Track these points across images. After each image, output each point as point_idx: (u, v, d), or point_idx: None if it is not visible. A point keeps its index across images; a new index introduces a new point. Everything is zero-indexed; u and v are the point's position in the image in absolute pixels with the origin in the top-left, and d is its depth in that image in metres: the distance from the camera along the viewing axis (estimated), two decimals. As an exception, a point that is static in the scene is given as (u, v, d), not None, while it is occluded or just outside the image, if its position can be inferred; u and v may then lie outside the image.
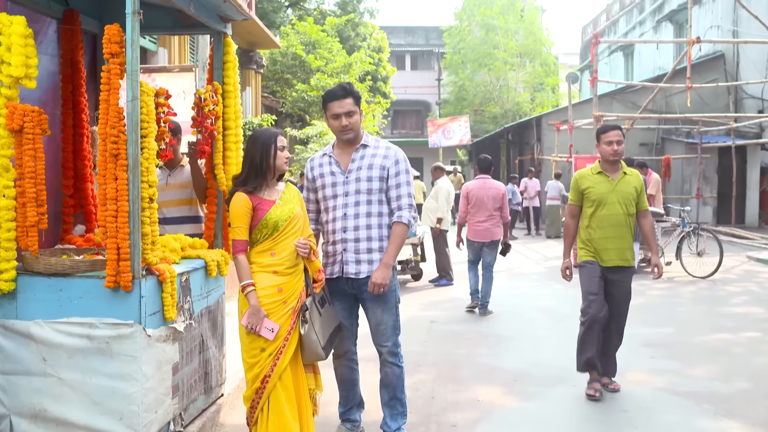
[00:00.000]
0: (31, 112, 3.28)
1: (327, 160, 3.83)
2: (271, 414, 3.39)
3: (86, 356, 3.27)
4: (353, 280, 3.75)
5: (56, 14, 4.02)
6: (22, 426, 3.34)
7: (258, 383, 3.40)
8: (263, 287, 3.40)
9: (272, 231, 3.44)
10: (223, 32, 4.23)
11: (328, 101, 3.74)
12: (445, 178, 10.15)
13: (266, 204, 3.45)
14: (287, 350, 3.42)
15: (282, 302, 3.43)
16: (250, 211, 3.42)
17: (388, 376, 3.87)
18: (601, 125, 4.93)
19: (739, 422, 4.27)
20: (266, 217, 3.42)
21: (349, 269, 3.73)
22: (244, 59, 15.03)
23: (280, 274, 3.44)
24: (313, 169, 3.86)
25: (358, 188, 3.73)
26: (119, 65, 3.23)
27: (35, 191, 3.32)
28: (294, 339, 3.45)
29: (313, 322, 3.46)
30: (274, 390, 3.40)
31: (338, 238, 3.74)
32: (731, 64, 19.65)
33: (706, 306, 8.11)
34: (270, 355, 3.39)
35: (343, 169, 3.77)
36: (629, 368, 5.45)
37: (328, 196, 3.78)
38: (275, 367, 3.39)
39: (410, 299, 8.63)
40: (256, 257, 3.46)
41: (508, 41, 31.32)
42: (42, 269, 3.32)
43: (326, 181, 3.79)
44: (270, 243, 3.45)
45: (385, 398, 3.91)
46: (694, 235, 10.51)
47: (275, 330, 3.36)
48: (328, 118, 3.79)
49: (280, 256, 3.44)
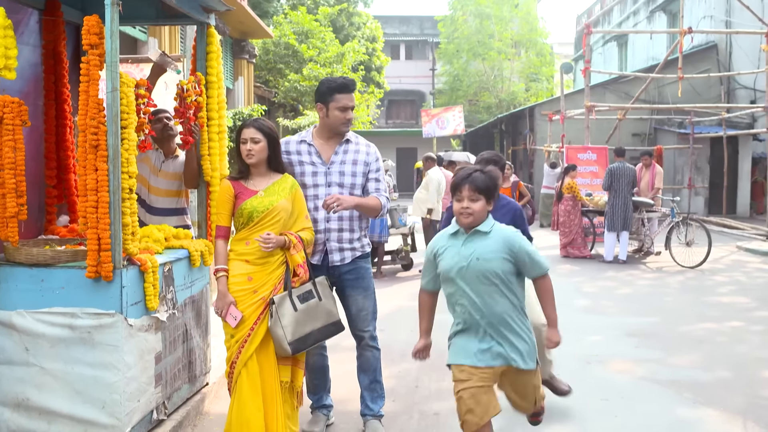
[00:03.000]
0: (11, 103, 3.30)
1: (306, 149, 3.84)
2: (236, 401, 3.46)
3: (68, 346, 3.30)
4: (335, 267, 3.82)
5: (38, 5, 4.01)
6: (5, 415, 3.38)
7: (228, 368, 3.51)
8: (234, 275, 3.48)
9: (247, 221, 3.49)
10: (206, 23, 4.23)
11: (338, 92, 3.72)
12: (436, 169, 10.17)
13: (247, 193, 3.51)
14: (252, 339, 3.46)
15: (252, 291, 3.47)
16: (232, 198, 3.50)
17: (369, 360, 3.95)
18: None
19: (717, 410, 4.33)
20: (242, 206, 3.49)
21: (333, 257, 3.81)
22: (237, 49, 14.99)
23: (251, 263, 3.49)
24: (290, 153, 3.82)
25: (341, 181, 3.79)
26: (98, 56, 3.24)
27: (15, 182, 3.35)
28: (261, 329, 3.48)
29: (281, 317, 3.43)
30: (239, 377, 3.45)
31: (321, 227, 3.79)
32: (724, 54, 19.67)
33: (693, 295, 8.18)
34: (237, 341, 3.46)
35: (324, 161, 3.81)
36: (612, 357, 5.50)
37: (308, 185, 3.80)
38: (240, 355, 3.45)
39: (399, 289, 8.67)
40: (234, 245, 3.54)
41: (503, 30, 31.26)
42: (24, 259, 3.34)
43: (306, 169, 3.80)
44: (246, 232, 3.51)
45: (365, 382, 3.97)
46: (684, 225, 10.57)
47: (238, 318, 3.42)
48: (332, 109, 3.74)
49: (253, 245, 3.48)
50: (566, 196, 11.53)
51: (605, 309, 7.46)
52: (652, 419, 4.21)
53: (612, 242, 10.94)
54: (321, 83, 3.84)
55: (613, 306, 7.62)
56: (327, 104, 3.76)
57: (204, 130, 4.20)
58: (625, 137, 18.98)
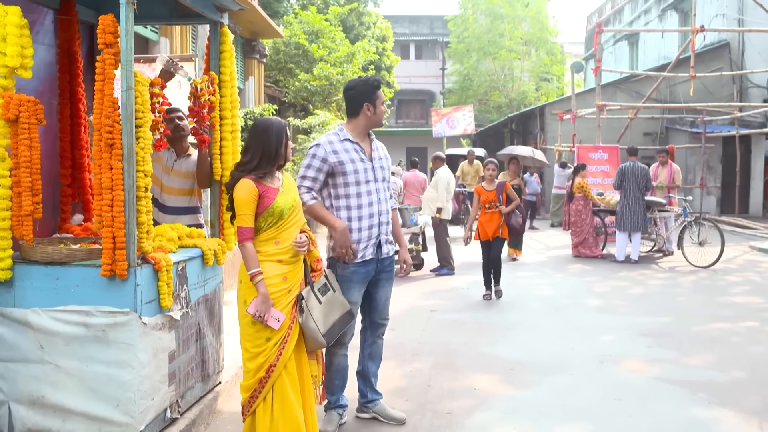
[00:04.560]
0: (26, 102, 3.31)
1: (351, 147, 3.91)
2: (276, 402, 3.38)
3: (83, 344, 3.31)
4: (382, 259, 4.01)
5: (53, 4, 4.03)
6: (21, 412, 3.39)
7: (262, 373, 3.37)
8: (269, 276, 3.38)
9: (277, 219, 3.42)
10: (220, 22, 4.24)
11: (378, 89, 3.95)
12: (444, 168, 10.17)
13: (272, 192, 3.42)
14: (291, 339, 3.43)
15: (287, 291, 3.44)
16: (257, 198, 3.37)
17: (380, 348, 4.22)
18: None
19: (733, 410, 4.30)
20: (273, 205, 3.39)
21: (384, 250, 4.01)
22: (247, 49, 15.02)
23: (284, 263, 3.44)
24: (337, 153, 3.86)
25: (383, 176, 4.03)
26: (114, 55, 3.25)
27: (30, 181, 3.35)
28: (297, 328, 3.47)
29: (311, 310, 3.48)
30: (279, 379, 3.39)
31: (374, 222, 3.94)
32: (736, 53, 19.53)
33: (706, 295, 8.12)
34: (275, 344, 3.38)
35: (368, 157, 3.95)
36: (626, 357, 5.47)
37: (360, 181, 3.89)
38: (280, 357, 3.38)
39: (411, 288, 8.66)
40: (261, 246, 3.42)
41: (514, 29, 31.16)
42: (39, 258, 3.36)
43: (358, 167, 3.89)
44: (274, 231, 3.43)
45: (374, 369, 4.19)
46: (696, 225, 10.50)
47: (281, 319, 3.37)
48: (378, 105, 3.94)
49: (284, 244, 3.43)
50: (577, 195, 11.49)
51: (617, 309, 7.42)
52: (667, 419, 4.18)
53: (623, 242, 10.88)
54: (356, 85, 3.96)
55: (626, 306, 7.57)
56: (373, 102, 3.94)
57: (216, 130, 4.21)
58: (637, 136, 18.90)
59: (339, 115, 17.85)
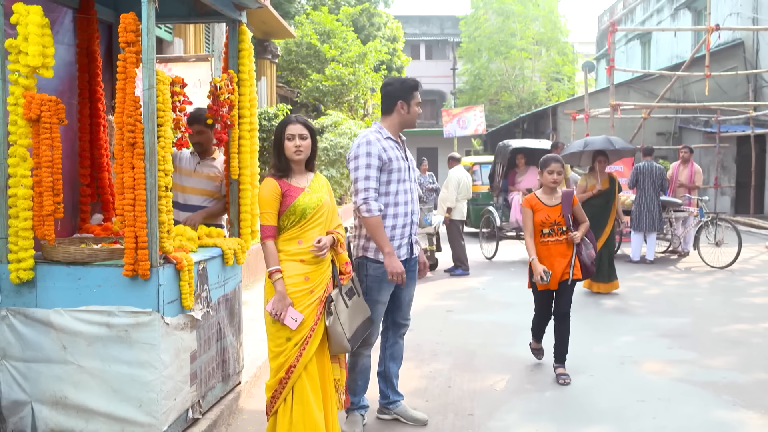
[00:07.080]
0: (48, 101, 3.30)
1: (394, 145, 3.89)
2: (296, 404, 3.35)
3: (105, 344, 3.30)
4: (408, 260, 3.97)
5: (72, 3, 4.02)
6: (44, 412, 3.38)
7: (282, 373, 3.35)
8: (290, 275, 3.36)
9: (299, 218, 3.40)
10: (238, 20, 4.22)
11: (415, 90, 3.92)
12: (458, 168, 10.14)
13: (295, 191, 3.42)
14: (313, 340, 3.39)
15: (309, 291, 3.40)
16: (279, 196, 3.39)
17: (401, 348, 4.19)
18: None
19: (758, 413, 4.23)
20: (294, 203, 3.39)
21: (415, 249, 4.02)
22: (259, 49, 15.03)
23: (307, 263, 3.41)
24: (386, 150, 3.82)
25: (415, 176, 4.07)
26: (135, 54, 3.24)
27: (52, 180, 3.34)
28: (320, 330, 3.43)
29: (338, 314, 3.45)
30: (299, 380, 3.36)
31: (408, 221, 3.93)
32: (751, 51, 19.37)
33: (724, 296, 8.04)
34: (296, 344, 3.35)
35: (404, 156, 3.96)
36: (646, 358, 5.41)
37: (401, 179, 3.88)
38: (301, 357, 3.35)
39: (426, 289, 8.61)
40: (283, 245, 3.41)
41: (526, 29, 31.06)
42: (61, 258, 3.35)
43: (401, 165, 3.89)
44: (297, 231, 3.42)
45: (395, 370, 4.16)
46: (713, 225, 10.40)
47: (299, 320, 3.33)
48: (413, 105, 3.91)
49: (307, 244, 3.40)
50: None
51: (635, 309, 7.35)
52: (692, 421, 4.13)
53: (639, 242, 10.79)
54: (393, 83, 3.96)
55: (643, 306, 7.50)
56: (408, 101, 3.91)
57: (235, 128, 4.19)
58: (650, 136, 18.78)
59: (350, 115, 17.85)
